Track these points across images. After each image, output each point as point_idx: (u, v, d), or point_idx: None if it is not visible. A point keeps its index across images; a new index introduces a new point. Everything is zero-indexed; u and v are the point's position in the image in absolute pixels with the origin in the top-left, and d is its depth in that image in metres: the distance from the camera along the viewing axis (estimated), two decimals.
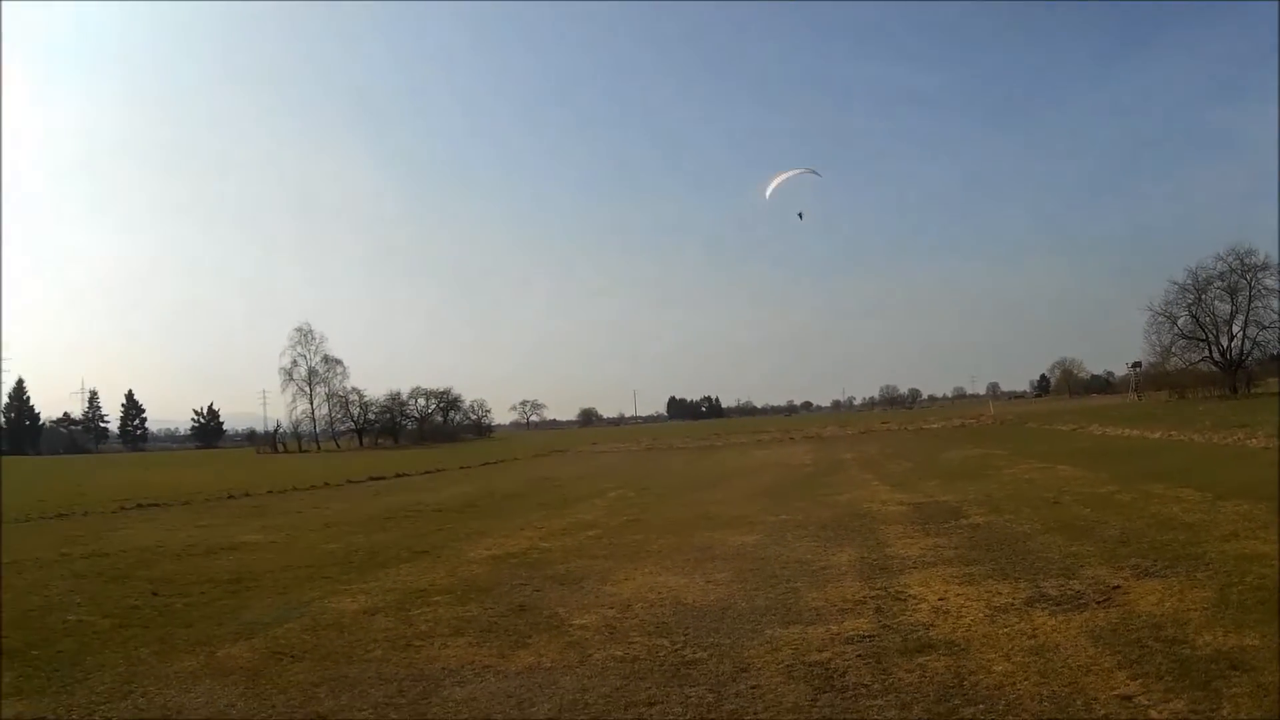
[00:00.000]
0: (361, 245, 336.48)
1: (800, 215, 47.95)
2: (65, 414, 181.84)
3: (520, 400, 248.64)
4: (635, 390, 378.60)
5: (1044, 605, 10.29)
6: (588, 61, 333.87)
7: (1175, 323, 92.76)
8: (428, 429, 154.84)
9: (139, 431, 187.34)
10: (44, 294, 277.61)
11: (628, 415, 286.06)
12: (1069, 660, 8.12)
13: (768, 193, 45.75)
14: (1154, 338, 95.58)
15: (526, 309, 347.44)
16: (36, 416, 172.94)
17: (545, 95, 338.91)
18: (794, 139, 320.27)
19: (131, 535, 23.22)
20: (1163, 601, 9.92)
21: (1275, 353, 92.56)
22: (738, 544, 16.90)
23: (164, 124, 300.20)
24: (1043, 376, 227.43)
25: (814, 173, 48.97)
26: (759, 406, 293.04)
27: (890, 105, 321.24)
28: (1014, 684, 7.55)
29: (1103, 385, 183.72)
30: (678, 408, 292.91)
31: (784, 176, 45.91)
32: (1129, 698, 7.03)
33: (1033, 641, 8.82)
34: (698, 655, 9.12)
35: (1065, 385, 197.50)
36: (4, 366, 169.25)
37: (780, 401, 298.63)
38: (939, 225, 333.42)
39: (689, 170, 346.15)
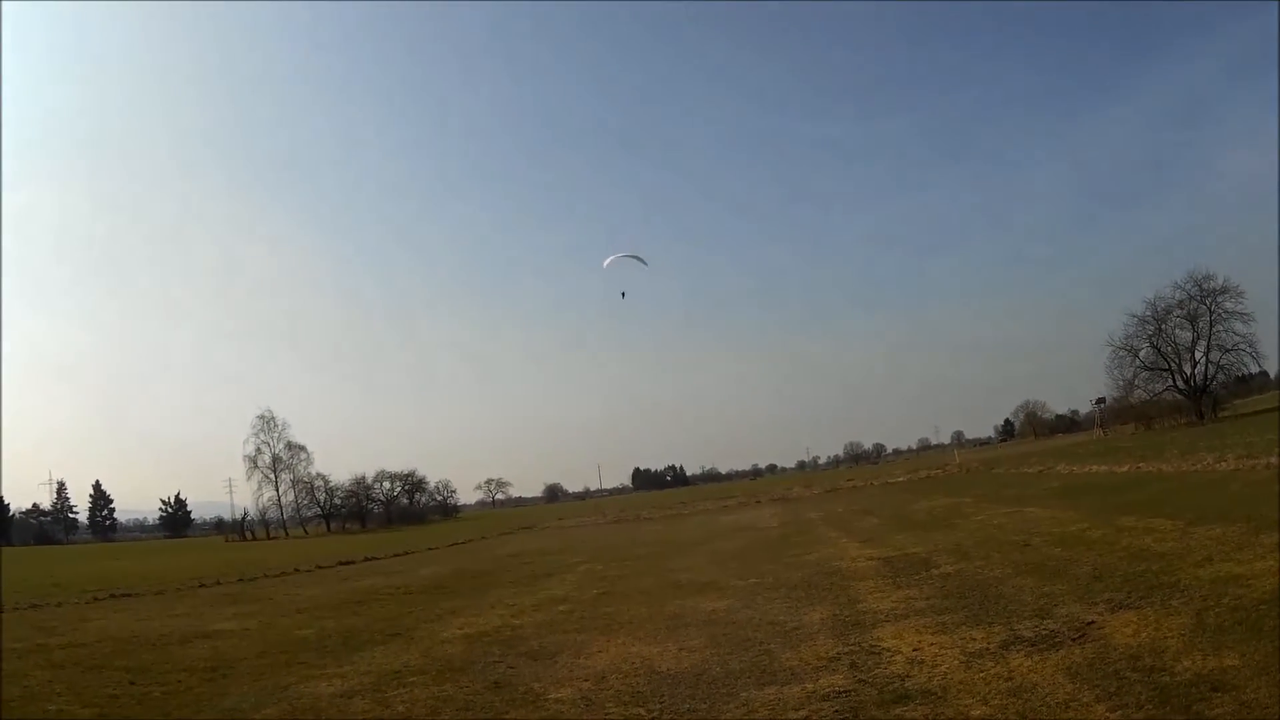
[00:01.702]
0: (322, 330, 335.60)
1: (623, 294, 54.20)
2: (34, 505, 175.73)
3: (485, 479, 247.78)
4: (599, 464, 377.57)
5: (1019, 647, 10.32)
6: (526, 130, 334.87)
7: (1137, 355, 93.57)
8: (394, 512, 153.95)
9: (108, 521, 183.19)
10: (8, 386, 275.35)
11: (593, 488, 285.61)
12: (1047, 698, 8.15)
13: (605, 264, 52.33)
14: (1116, 372, 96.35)
15: (489, 389, 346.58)
16: (6, 508, 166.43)
17: (499, 167, 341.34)
18: (744, 199, 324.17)
19: (106, 625, 22.88)
20: (1139, 632, 9.98)
21: (1240, 375, 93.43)
22: (709, 609, 16.89)
23: (120, 215, 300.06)
24: (1007, 420, 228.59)
25: (641, 261, 55.97)
26: (724, 472, 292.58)
27: (829, 154, 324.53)
28: None
29: (1068, 424, 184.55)
30: (643, 478, 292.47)
31: (619, 256, 52.71)
32: None
33: (1010, 684, 8.83)
34: None
35: (1030, 427, 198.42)
36: None
37: (745, 465, 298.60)
38: (890, 278, 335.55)
39: (639, 240, 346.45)
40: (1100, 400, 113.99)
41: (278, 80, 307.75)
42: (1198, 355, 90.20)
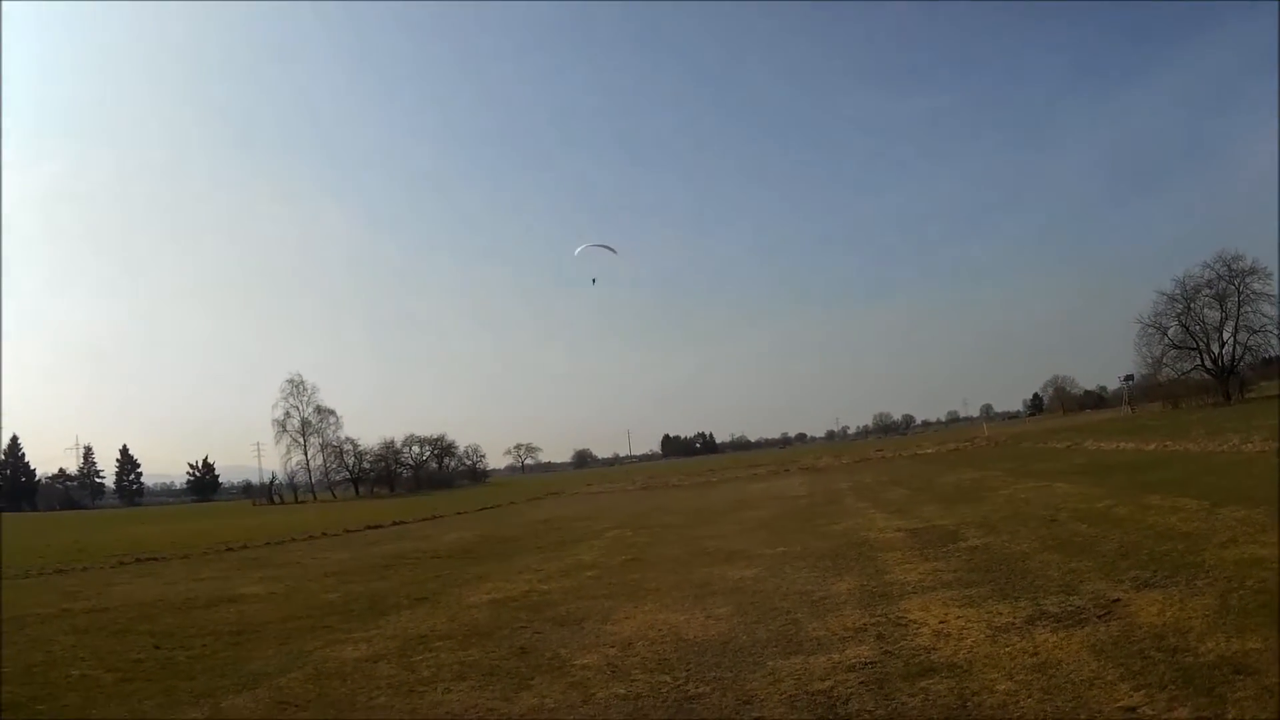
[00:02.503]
0: (351, 294, 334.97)
1: (594, 280, 59.39)
2: (61, 470, 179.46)
3: (515, 444, 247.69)
4: (629, 430, 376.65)
5: (1045, 623, 10.29)
6: (579, 97, 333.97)
7: (1165, 333, 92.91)
8: (423, 476, 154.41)
9: (135, 486, 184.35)
10: (37, 352, 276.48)
11: (622, 455, 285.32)
12: (1072, 675, 8.13)
13: (576, 252, 55.44)
14: (1144, 350, 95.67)
15: (520, 352, 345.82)
16: (32, 473, 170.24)
17: (533, 134, 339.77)
18: (776, 171, 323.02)
19: (131, 589, 23.01)
20: (1164, 611, 9.94)
21: (1268, 356, 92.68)
22: (737, 578, 16.88)
23: (145, 184, 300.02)
24: (1036, 395, 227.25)
25: (611, 250, 60.54)
26: (753, 440, 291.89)
27: (873, 128, 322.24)
28: (1017, 702, 7.56)
29: (1096, 401, 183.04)
30: (672, 445, 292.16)
31: (590, 246, 56.85)
32: (1133, 709, 7.04)
33: (1035, 659, 8.82)
34: (700, 690, 9.13)
35: (1058, 403, 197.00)
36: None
37: (774, 434, 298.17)
38: (919, 255, 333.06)
39: (677, 206, 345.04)
40: (1129, 378, 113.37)
41: (300, 53, 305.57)
42: (1225, 335, 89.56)
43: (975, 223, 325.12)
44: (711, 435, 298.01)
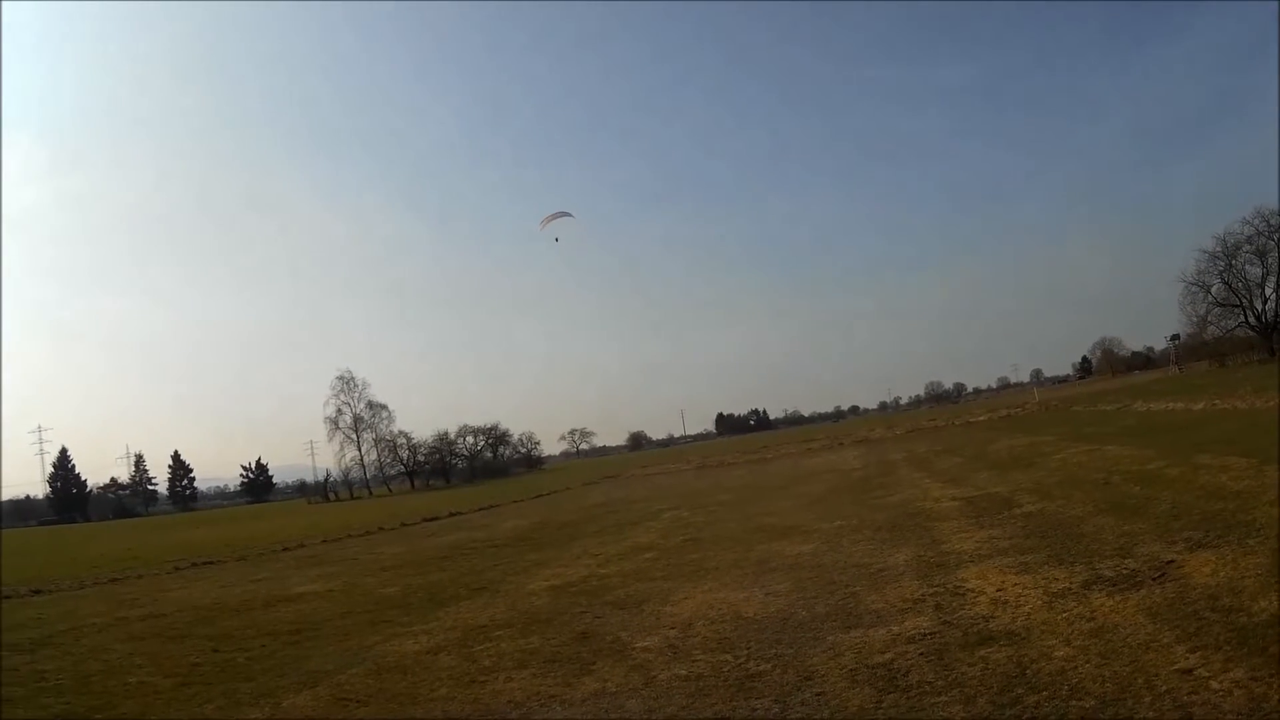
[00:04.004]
0: (399, 288, 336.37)
1: (556, 239, 60.32)
2: (112, 479, 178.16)
3: (569, 429, 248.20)
4: (682, 410, 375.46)
5: (1101, 587, 10.25)
6: (619, 79, 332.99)
7: (1209, 291, 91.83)
8: (478, 466, 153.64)
9: (188, 491, 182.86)
10: (84, 361, 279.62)
11: (676, 435, 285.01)
12: (1128, 639, 8.11)
13: (554, 234, 57.97)
14: (1189, 308, 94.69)
15: (570, 337, 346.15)
16: (84, 484, 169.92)
17: (581, 116, 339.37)
18: (815, 145, 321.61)
19: (188, 594, 23.02)
20: (1217, 571, 9.88)
21: None
22: (795, 553, 16.86)
23: (188, 184, 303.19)
24: (1084, 358, 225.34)
25: (569, 215, 61.93)
26: (806, 415, 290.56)
27: (914, 100, 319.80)
28: (1075, 668, 7.54)
29: (1144, 361, 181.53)
30: (726, 423, 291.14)
31: (554, 219, 58.45)
32: (1189, 671, 7.02)
33: (1092, 624, 8.79)
34: (761, 668, 9.13)
35: (1107, 365, 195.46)
36: (45, 437, 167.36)
37: (827, 408, 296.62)
38: (967, 219, 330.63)
39: (723, 182, 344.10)
40: (1175, 337, 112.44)
41: (337, 50, 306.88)
42: (1268, 291, 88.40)
43: (1016, 189, 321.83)
44: (765, 411, 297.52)
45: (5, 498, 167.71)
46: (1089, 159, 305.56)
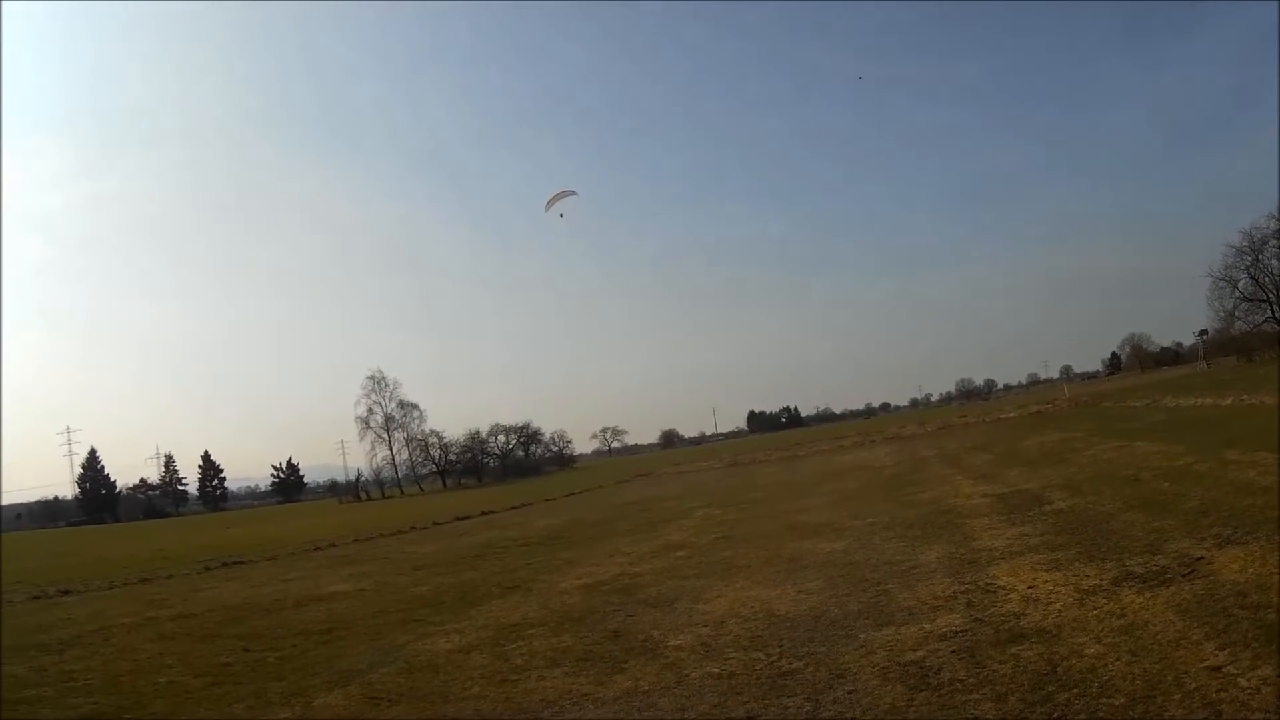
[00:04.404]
0: (423, 287, 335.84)
1: (561, 215, 57.65)
2: (142, 480, 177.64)
3: (601, 428, 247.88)
4: (714, 408, 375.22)
5: (1131, 584, 10.24)
6: (642, 75, 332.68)
7: (1235, 286, 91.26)
8: (510, 465, 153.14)
9: (218, 491, 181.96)
10: (114, 363, 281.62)
11: (708, 433, 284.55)
12: (1158, 636, 8.11)
13: (559, 210, 56.36)
14: (1216, 303, 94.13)
15: (602, 335, 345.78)
16: (113, 484, 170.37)
17: (603, 113, 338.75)
18: (841, 138, 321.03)
19: (218, 594, 23.03)
20: (1246, 568, 9.87)
21: None
22: (826, 551, 16.85)
23: (219, 182, 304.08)
24: (1113, 354, 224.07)
25: (574, 193, 59.98)
26: (838, 412, 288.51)
27: (937, 93, 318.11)
28: (1106, 665, 7.56)
29: (1173, 356, 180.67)
30: (758, 421, 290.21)
31: (560, 198, 56.66)
32: (1218, 668, 7.03)
33: (1122, 621, 8.80)
34: (793, 665, 9.14)
35: (1136, 360, 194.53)
36: (74, 438, 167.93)
37: (858, 405, 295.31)
38: (996, 213, 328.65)
39: (750, 181, 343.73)
40: (1203, 332, 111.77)
41: (363, 47, 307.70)
42: None
43: (1039, 184, 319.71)
44: (796, 409, 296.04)
45: (34, 499, 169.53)
46: (1115, 152, 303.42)
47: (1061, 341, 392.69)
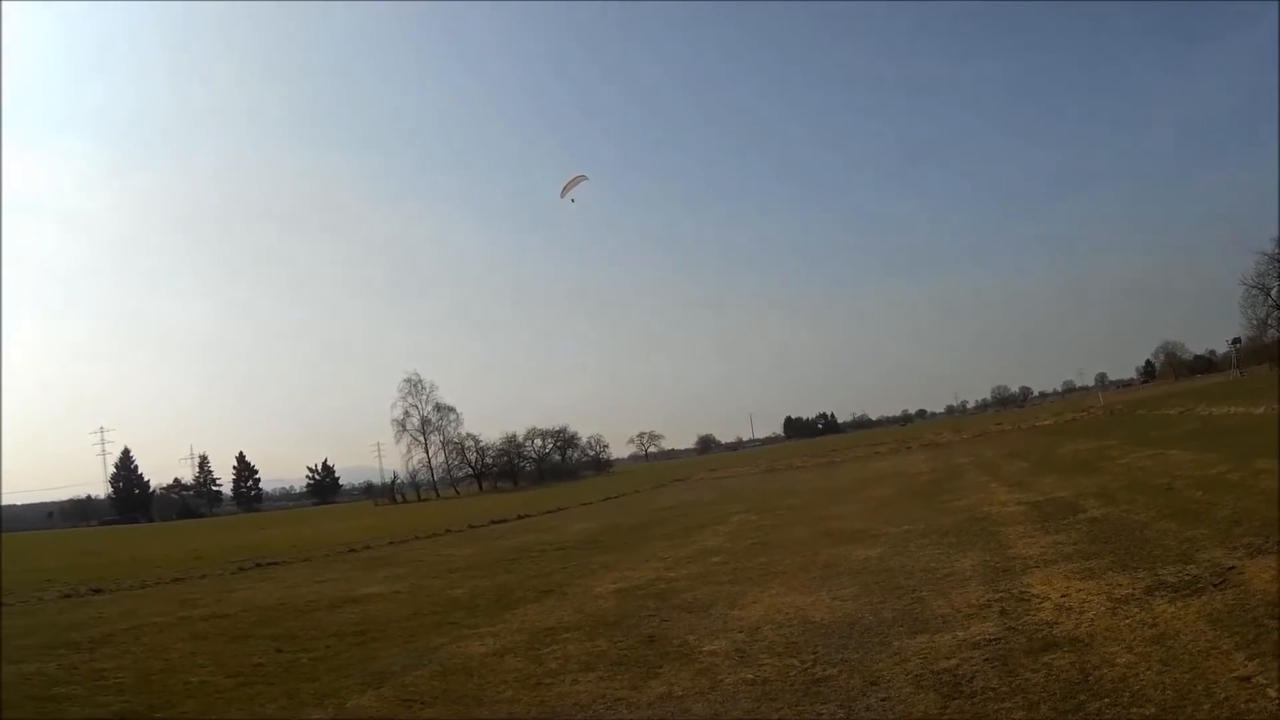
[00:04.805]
0: (459, 291, 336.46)
1: (573, 200, 57.23)
2: (176, 480, 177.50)
3: (638, 432, 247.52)
4: (751, 413, 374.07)
5: (1163, 593, 10.21)
6: (685, 79, 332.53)
7: (1268, 294, 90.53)
8: (546, 468, 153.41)
9: (253, 492, 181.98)
10: (149, 363, 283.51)
11: (745, 439, 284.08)
12: (1189, 646, 8.09)
13: (570, 195, 56.40)
14: (1250, 311, 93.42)
15: (636, 339, 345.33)
16: (146, 484, 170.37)
17: (635, 117, 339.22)
18: (883, 140, 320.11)
19: (252, 594, 22.75)
20: (1277, 578, 9.80)
21: None
22: (862, 558, 16.81)
23: (251, 181, 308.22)
24: (1148, 361, 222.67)
25: (585, 178, 60.19)
26: (874, 419, 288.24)
27: (975, 96, 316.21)
28: (1137, 675, 7.55)
29: (1206, 365, 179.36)
30: (794, 427, 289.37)
31: (575, 183, 56.99)
32: (1247, 679, 7.01)
33: (1153, 630, 8.77)
34: (827, 672, 9.13)
35: (1170, 368, 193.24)
36: (107, 438, 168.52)
37: (895, 411, 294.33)
38: (1031, 219, 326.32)
39: (785, 183, 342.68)
40: (1236, 340, 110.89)
41: (396, 48, 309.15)
42: None
43: (1069, 191, 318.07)
44: (833, 415, 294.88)
45: (66, 497, 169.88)
46: (1147, 157, 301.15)
47: (1096, 349, 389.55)
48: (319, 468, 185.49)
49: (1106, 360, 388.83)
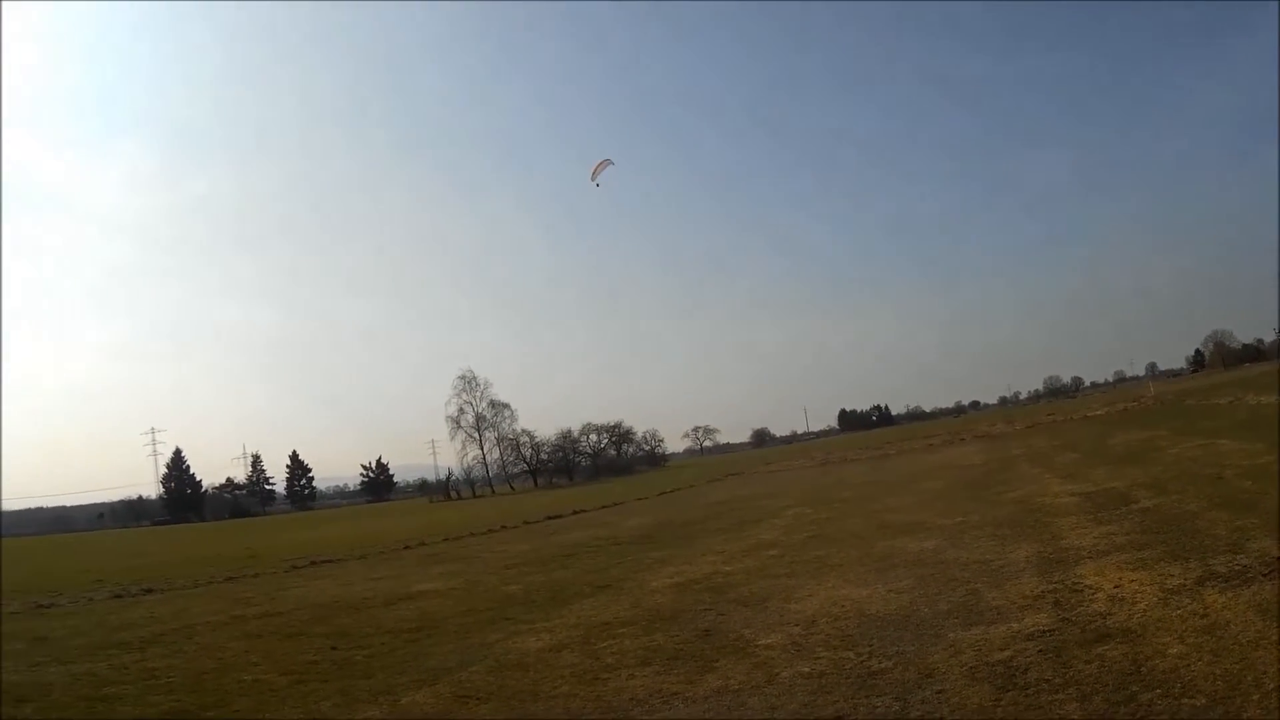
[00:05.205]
0: (512, 288, 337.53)
1: (598, 184, 58.10)
2: (228, 479, 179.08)
3: (693, 427, 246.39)
4: (805, 407, 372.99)
5: (1214, 583, 10.16)
6: (735, 69, 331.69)
7: None
8: (601, 464, 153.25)
9: (306, 491, 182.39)
10: (201, 363, 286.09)
11: (800, 432, 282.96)
12: (1239, 637, 8.07)
13: (598, 180, 56.97)
14: None
15: (691, 334, 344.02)
16: (198, 484, 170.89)
17: (685, 113, 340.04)
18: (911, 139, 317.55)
19: (306, 592, 22.78)
20: None
21: None
22: (917, 550, 16.77)
23: (303, 184, 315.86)
24: (1197, 351, 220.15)
25: (611, 163, 60.57)
26: (928, 410, 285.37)
27: (1031, 87, 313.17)
28: (1188, 665, 7.54)
29: (1254, 354, 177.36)
30: (848, 419, 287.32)
31: (602, 167, 57.36)
32: None
33: (1204, 621, 8.75)
34: (883, 665, 9.13)
35: (1219, 358, 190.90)
36: (158, 438, 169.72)
37: (948, 403, 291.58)
38: (1075, 214, 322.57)
39: (828, 177, 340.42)
40: None
41: (454, 49, 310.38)
42: None
43: (1114, 182, 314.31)
44: (887, 407, 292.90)
45: (117, 498, 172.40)
46: (1197, 149, 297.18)
47: (1146, 338, 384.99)
48: (373, 465, 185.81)
49: (1156, 350, 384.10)
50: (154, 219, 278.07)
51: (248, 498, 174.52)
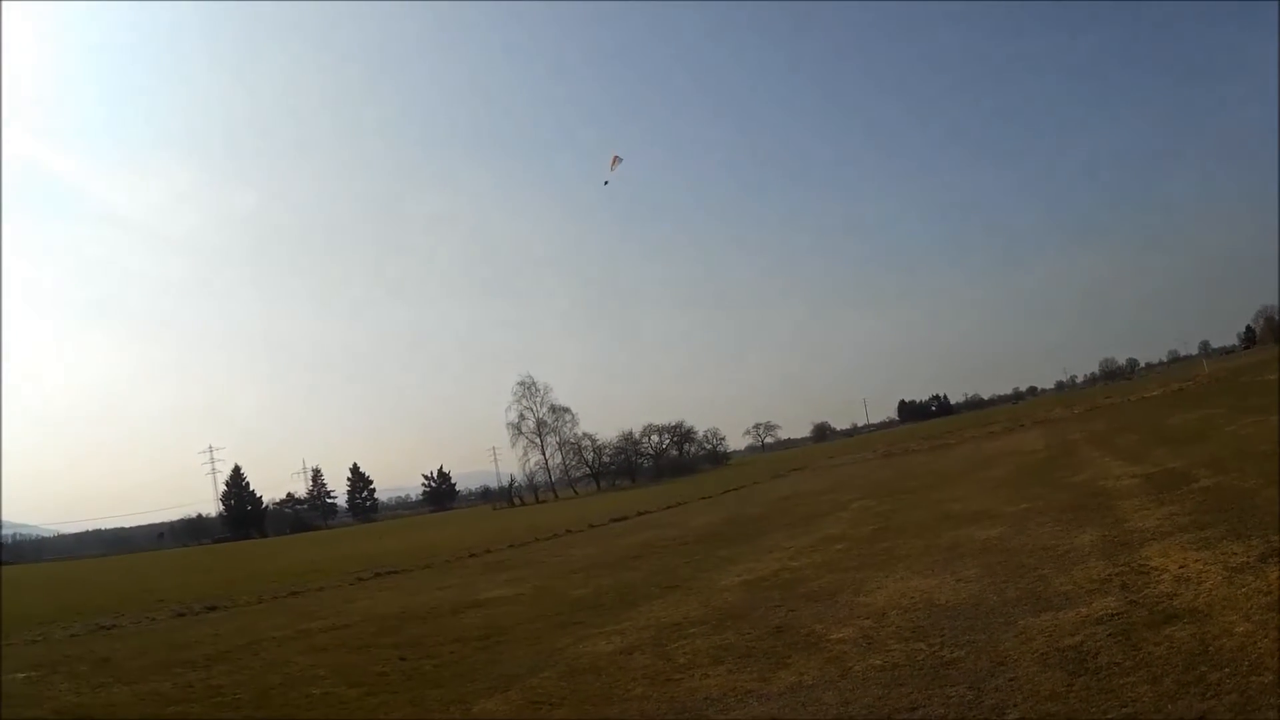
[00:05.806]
0: (567, 293, 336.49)
1: (606, 182, 60.89)
2: (289, 494, 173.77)
3: (754, 423, 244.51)
4: (865, 399, 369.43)
5: (1277, 560, 10.04)
6: (776, 69, 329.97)
7: None
8: (664, 464, 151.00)
9: (368, 503, 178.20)
10: (263, 381, 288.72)
11: (860, 424, 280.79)
12: None
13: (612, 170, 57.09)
14: None
15: (753, 331, 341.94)
16: (258, 500, 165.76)
17: (729, 107, 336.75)
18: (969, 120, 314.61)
19: (372, 604, 22.62)
20: None
21: None
22: (983, 538, 16.64)
23: (353, 194, 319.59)
24: (1248, 327, 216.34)
25: (620, 159, 59.85)
26: (986, 398, 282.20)
27: (1071, 71, 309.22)
28: (1255, 643, 7.48)
29: None
30: (908, 410, 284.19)
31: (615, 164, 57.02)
32: None
33: (1269, 598, 8.66)
34: (955, 655, 9.09)
35: (1270, 334, 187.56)
36: (216, 455, 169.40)
37: (1006, 390, 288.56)
38: (1121, 193, 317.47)
39: (886, 163, 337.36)
40: None
41: (498, 55, 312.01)
42: None
43: (1162, 163, 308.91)
44: (946, 397, 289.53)
45: (176, 518, 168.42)
46: (1235, 126, 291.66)
47: (1199, 315, 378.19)
48: (434, 475, 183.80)
49: (1208, 327, 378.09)
50: (202, 234, 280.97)
51: (309, 512, 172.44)
